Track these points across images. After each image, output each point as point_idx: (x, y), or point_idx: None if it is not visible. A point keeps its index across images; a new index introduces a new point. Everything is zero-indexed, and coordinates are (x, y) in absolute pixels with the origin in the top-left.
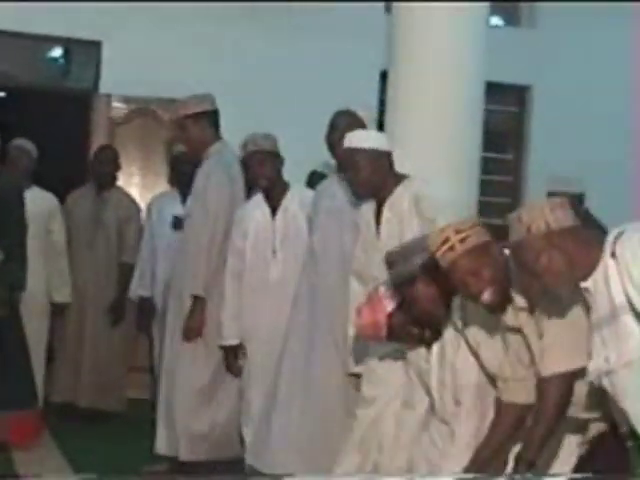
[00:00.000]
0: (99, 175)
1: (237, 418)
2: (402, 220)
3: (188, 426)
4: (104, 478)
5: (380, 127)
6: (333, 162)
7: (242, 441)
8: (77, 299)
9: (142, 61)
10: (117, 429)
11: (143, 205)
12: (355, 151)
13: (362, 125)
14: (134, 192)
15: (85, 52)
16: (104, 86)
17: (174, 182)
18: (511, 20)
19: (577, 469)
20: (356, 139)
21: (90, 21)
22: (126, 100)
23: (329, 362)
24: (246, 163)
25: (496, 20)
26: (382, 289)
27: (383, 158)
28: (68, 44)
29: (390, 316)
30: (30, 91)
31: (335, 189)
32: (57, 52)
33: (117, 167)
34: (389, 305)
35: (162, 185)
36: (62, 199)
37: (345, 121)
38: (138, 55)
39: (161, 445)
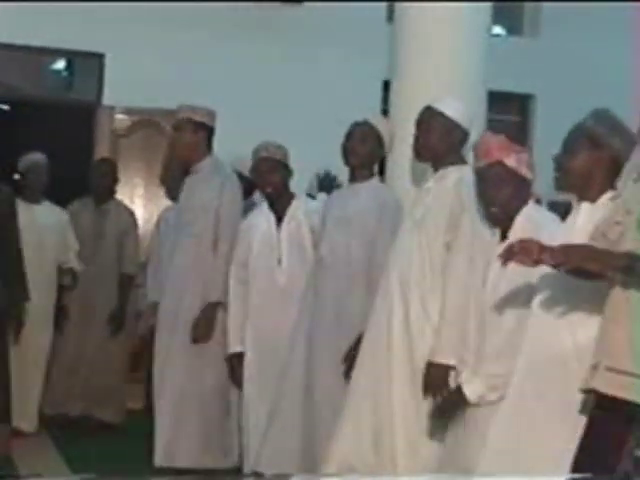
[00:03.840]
0: (98, 188)
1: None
2: (440, 196)
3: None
4: (103, 478)
5: None
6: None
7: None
8: (78, 310)
9: (145, 73)
10: (117, 440)
11: (147, 217)
12: (434, 113)
13: (378, 136)
14: (138, 203)
15: (88, 64)
16: (107, 98)
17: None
18: (513, 29)
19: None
20: (440, 103)
21: (93, 33)
22: (129, 112)
23: (333, 371)
24: (255, 169)
25: (498, 29)
26: None
27: (456, 132)
28: (71, 56)
29: None
30: (33, 103)
31: (346, 198)
32: (60, 64)
33: (116, 180)
34: None
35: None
36: None
37: (361, 131)
38: (141, 67)
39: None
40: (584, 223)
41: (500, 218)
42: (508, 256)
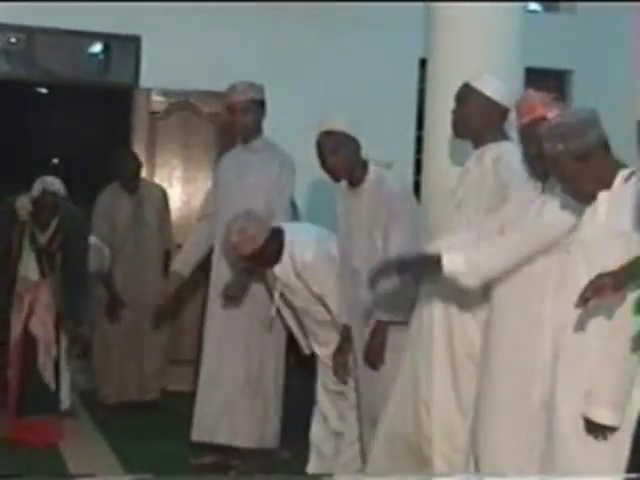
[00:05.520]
0: (128, 176)
1: None
2: (479, 176)
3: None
4: (158, 478)
5: (420, 115)
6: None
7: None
8: (128, 297)
9: (181, 55)
10: (163, 422)
11: (185, 199)
12: (471, 91)
13: (348, 137)
14: (176, 185)
15: (125, 47)
16: (144, 80)
17: None
18: (549, 6)
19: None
20: (478, 81)
21: (129, 16)
22: (166, 94)
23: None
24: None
25: (534, 6)
26: None
27: (494, 110)
28: (108, 39)
29: None
30: (71, 87)
31: (354, 206)
32: (97, 48)
33: (141, 165)
34: None
35: (204, 178)
36: None
37: (330, 144)
38: (177, 49)
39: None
40: (604, 213)
41: (548, 172)
42: (585, 301)
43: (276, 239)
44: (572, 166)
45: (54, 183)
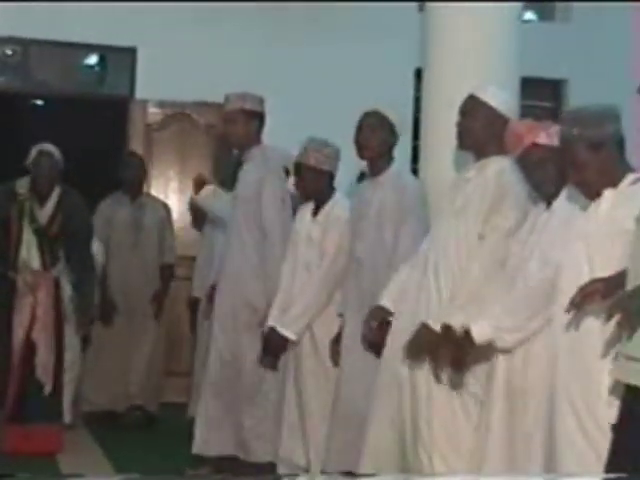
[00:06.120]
0: (132, 182)
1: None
2: (481, 186)
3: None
4: (147, 478)
5: (415, 124)
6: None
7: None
8: (122, 303)
9: (177, 66)
10: (158, 433)
11: (182, 210)
12: (477, 102)
13: (390, 126)
14: (172, 197)
15: (120, 58)
16: (140, 92)
17: None
18: (545, 15)
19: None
20: (483, 92)
21: (125, 27)
22: (162, 105)
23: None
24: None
25: (530, 15)
26: None
27: (499, 122)
28: (103, 51)
29: None
30: (66, 99)
31: (369, 195)
32: (93, 59)
33: (145, 173)
34: None
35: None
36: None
37: (370, 122)
38: (173, 60)
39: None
40: (608, 209)
41: (554, 193)
42: (576, 306)
43: (331, 184)
44: (584, 153)
45: (49, 147)
